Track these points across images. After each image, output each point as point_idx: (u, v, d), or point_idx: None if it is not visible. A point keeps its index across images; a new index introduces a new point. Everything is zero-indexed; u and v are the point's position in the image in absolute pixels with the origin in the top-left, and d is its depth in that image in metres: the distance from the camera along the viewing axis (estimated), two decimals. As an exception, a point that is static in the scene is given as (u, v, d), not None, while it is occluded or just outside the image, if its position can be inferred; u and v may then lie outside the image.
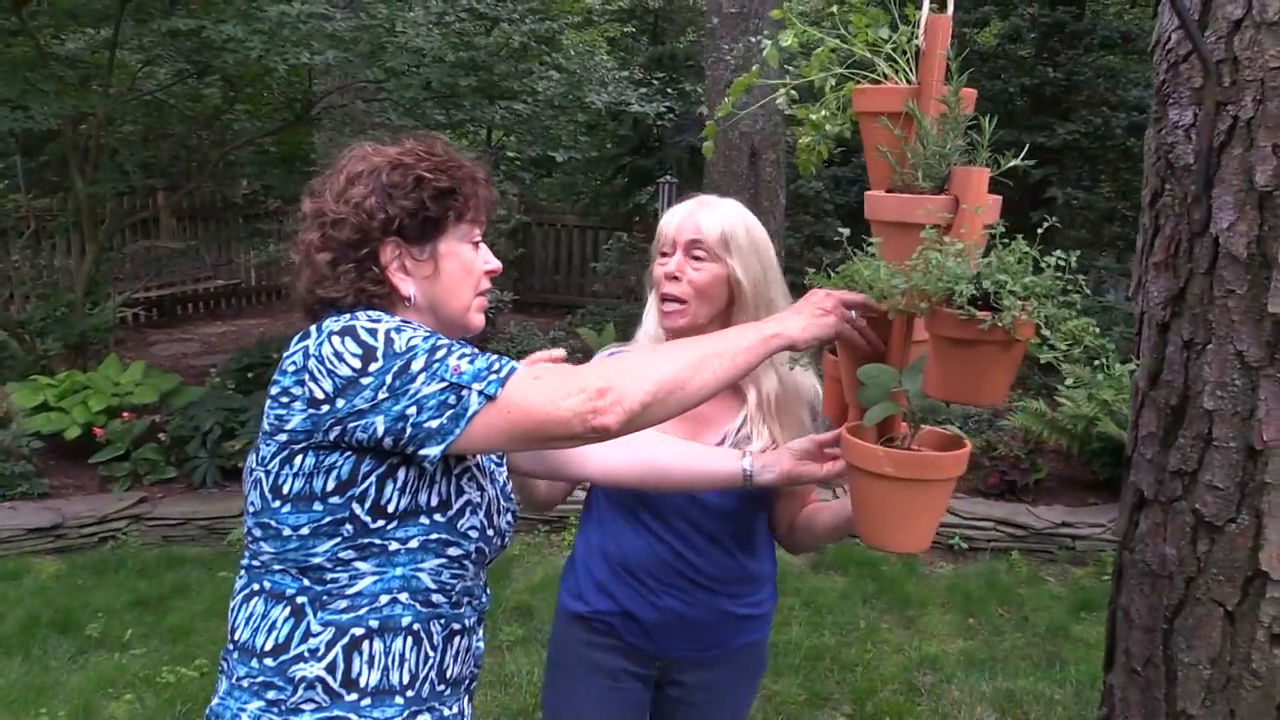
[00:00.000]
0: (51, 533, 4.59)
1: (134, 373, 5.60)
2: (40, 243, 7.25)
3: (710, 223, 1.72)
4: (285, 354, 1.31)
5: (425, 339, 1.26)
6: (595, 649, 1.85)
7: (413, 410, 1.22)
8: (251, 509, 1.36)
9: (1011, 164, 1.27)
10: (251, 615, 1.36)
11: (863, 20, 1.43)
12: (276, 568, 1.34)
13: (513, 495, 1.54)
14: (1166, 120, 1.60)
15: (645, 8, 12.61)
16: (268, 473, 1.32)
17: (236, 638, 1.37)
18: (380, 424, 1.23)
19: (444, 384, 1.22)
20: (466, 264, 1.41)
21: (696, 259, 1.73)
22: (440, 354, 1.24)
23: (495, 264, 1.45)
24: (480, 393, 1.22)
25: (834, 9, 1.51)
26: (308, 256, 1.38)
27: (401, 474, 1.29)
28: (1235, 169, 1.47)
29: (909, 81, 1.39)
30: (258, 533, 1.35)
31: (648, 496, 1.76)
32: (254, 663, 1.34)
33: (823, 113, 1.51)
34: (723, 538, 1.80)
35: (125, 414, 5.21)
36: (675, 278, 1.73)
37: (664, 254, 1.77)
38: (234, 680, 1.37)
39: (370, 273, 1.36)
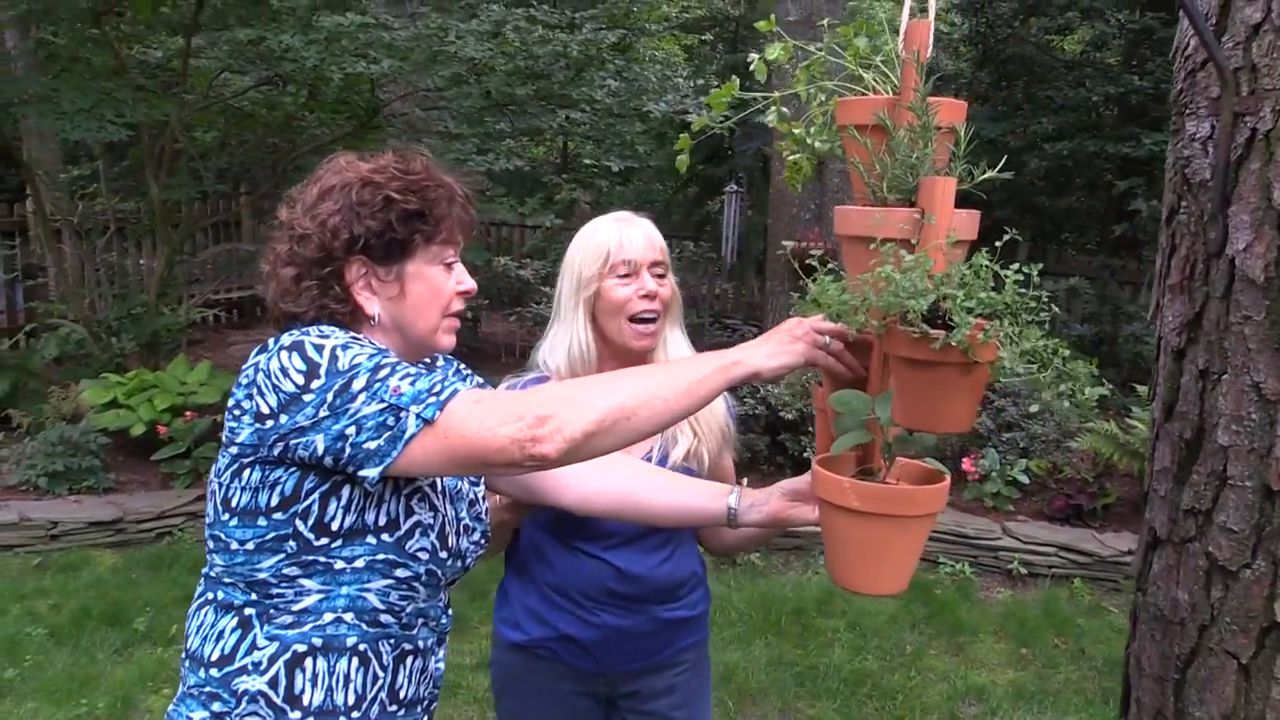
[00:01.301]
0: (112, 527, 4.74)
1: (200, 373, 5.75)
2: (126, 244, 7.53)
3: (659, 240, 1.80)
4: (243, 366, 1.31)
5: (370, 357, 1.23)
6: (540, 675, 1.85)
7: (352, 430, 1.20)
8: (207, 520, 1.36)
9: (986, 175, 1.19)
10: (202, 624, 1.36)
11: (849, 31, 1.36)
12: (227, 580, 1.33)
13: (483, 516, 1.50)
14: (1184, 132, 1.48)
15: (725, 15, 12.56)
16: (220, 485, 1.32)
17: (188, 645, 1.37)
18: (320, 442, 1.21)
19: (383, 405, 1.20)
20: (435, 286, 1.38)
21: (660, 276, 1.78)
22: (383, 374, 1.22)
23: (469, 285, 1.42)
24: (418, 416, 1.19)
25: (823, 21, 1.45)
26: (273, 269, 1.37)
27: (346, 492, 1.27)
28: (1253, 185, 1.35)
29: (894, 93, 1.32)
30: (211, 544, 1.35)
31: (578, 518, 1.72)
32: (201, 672, 1.34)
33: (811, 128, 1.44)
34: (655, 547, 1.81)
35: (189, 413, 5.35)
36: (654, 295, 1.75)
37: (625, 275, 1.76)
38: (186, 687, 1.37)
39: (333, 291, 1.34)
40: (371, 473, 1.21)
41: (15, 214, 7.48)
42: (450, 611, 1.49)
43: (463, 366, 1.58)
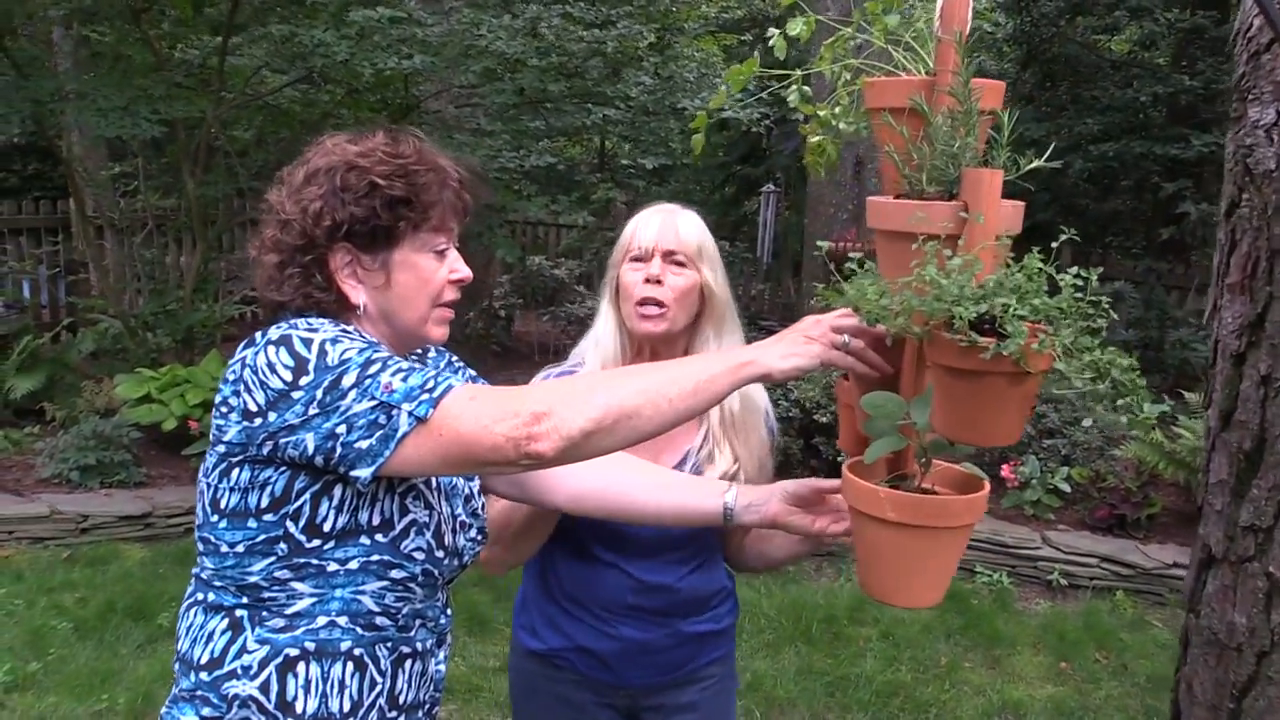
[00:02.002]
0: (141, 520, 4.74)
1: (232, 369, 5.75)
2: (165, 240, 7.57)
3: (688, 231, 1.70)
4: (230, 361, 1.24)
5: (360, 351, 1.17)
6: (558, 683, 1.78)
7: (342, 429, 1.14)
8: (196, 521, 1.31)
9: (1032, 165, 1.10)
10: (192, 626, 1.31)
11: (876, 6, 1.28)
12: (217, 583, 1.28)
13: (480, 512, 1.43)
14: (1246, 119, 1.38)
15: (765, 15, 12.45)
16: (208, 485, 1.27)
17: (179, 647, 1.33)
18: (310, 441, 1.15)
19: (374, 402, 1.13)
20: (423, 275, 1.30)
21: (678, 265, 1.68)
22: (374, 369, 1.15)
23: (464, 273, 1.34)
24: (410, 413, 1.12)
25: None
26: (259, 255, 1.31)
27: (338, 492, 1.21)
28: (1323, 176, 1.25)
29: (928, 73, 1.23)
30: (200, 546, 1.30)
31: (598, 524, 1.65)
32: (192, 675, 1.29)
33: (836, 109, 1.36)
34: (678, 560, 1.73)
35: (219, 408, 5.34)
36: (659, 282, 1.67)
37: (638, 259, 1.70)
38: (178, 690, 1.33)
39: (316, 279, 1.28)
40: (363, 473, 1.14)
41: (59, 211, 7.58)
42: (450, 611, 1.43)
43: (455, 359, 1.51)
